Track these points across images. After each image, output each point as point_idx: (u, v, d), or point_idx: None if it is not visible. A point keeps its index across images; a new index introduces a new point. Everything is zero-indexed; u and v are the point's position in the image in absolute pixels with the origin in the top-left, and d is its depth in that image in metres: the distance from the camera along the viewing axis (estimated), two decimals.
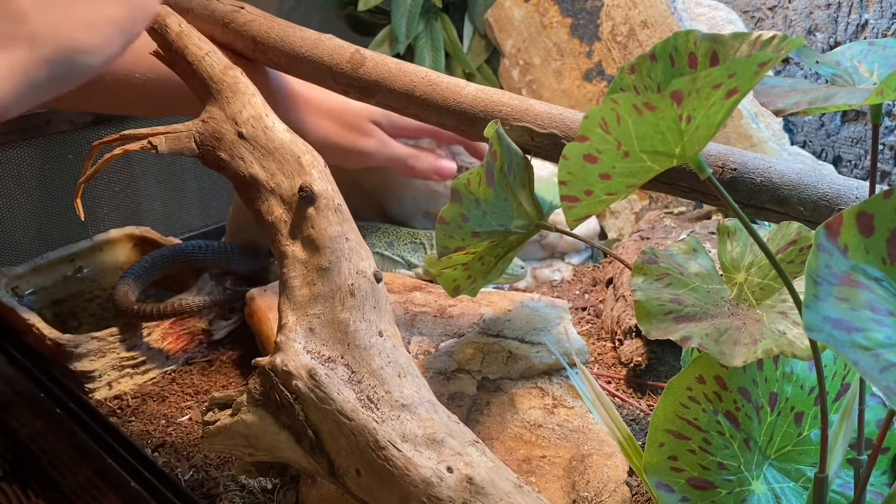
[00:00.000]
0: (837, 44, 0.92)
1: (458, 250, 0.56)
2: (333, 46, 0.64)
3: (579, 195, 0.39)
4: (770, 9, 0.98)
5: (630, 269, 0.47)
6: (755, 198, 0.51)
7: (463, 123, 0.61)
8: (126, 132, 0.55)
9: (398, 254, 0.82)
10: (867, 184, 0.47)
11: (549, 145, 0.57)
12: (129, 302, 0.71)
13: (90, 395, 0.68)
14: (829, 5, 0.92)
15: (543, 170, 0.85)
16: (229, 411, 0.48)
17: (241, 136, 0.52)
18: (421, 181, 0.86)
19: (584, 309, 0.80)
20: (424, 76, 0.62)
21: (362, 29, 1.14)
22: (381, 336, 0.47)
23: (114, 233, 0.84)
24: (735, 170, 0.52)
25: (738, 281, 0.46)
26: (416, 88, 0.61)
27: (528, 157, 0.59)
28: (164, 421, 0.66)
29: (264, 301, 0.72)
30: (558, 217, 0.68)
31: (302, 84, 0.73)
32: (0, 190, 0.93)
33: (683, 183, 0.54)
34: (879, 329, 0.28)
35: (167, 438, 0.63)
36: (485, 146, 0.67)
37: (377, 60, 0.63)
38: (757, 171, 0.52)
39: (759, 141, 0.86)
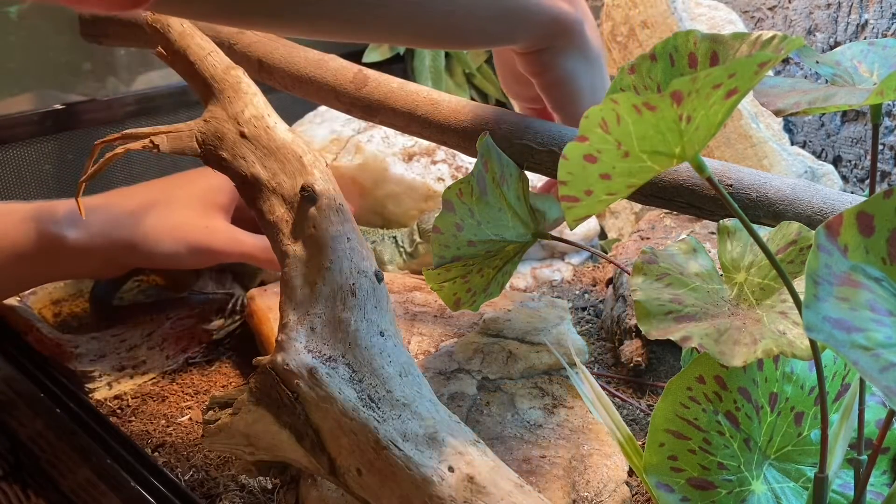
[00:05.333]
0: (837, 44, 0.92)
1: (454, 260, 0.56)
2: (337, 67, 0.65)
3: (579, 195, 0.39)
4: (770, 9, 0.98)
5: (627, 272, 0.48)
6: (751, 213, 0.52)
7: (465, 141, 0.61)
8: (128, 131, 0.55)
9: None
10: (861, 198, 0.47)
11: (549, 162, 0.58)
12: (106, 301, 0.72)
13: (90, 395, 0.68)
14: (829, 5, 0.92)
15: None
16: (230, 410, 0.48)
17: (242, 135, 0.53)
18: (420, 182, 0.86)
19: (584, 309, 0.80)
20: (426, 96, 0.62)
21: None
22: (383, 336, 0.47)
23: None
24: (731, 185, 0.52)
25: (738, 281, 0.46)
26: (418, 108, 0.62)
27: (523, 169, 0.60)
28: (164, 421, 0.66)
29: (264, 301, 0.72)
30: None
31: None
32: (0, 189, 0.93)
33: (681, 198, 0.54)
34: (879, 329, 0.28)
35: (167, 438, 0.63)
36: None
37: (380, 80, 0.64)
38: (752, 186, 0.52)
39: (759, 141, 0.86)
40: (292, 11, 0.42)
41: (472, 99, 1.04)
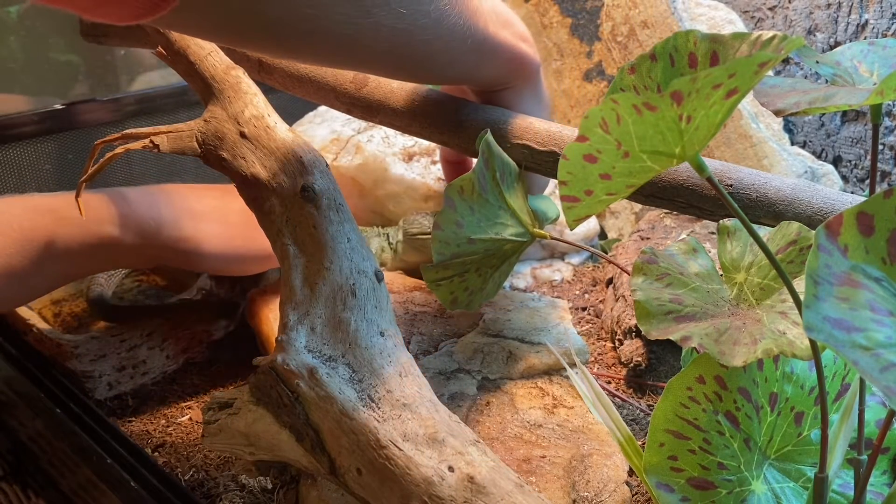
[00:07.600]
0: (837, 44, 0.92)
1: (454, 257, 0.56)
2: None
3: (579, 195, 0.39)
4: (770, 9, 0.98)
5: (627, 272, 0.48)
6: (751, 213, 0.52)
7: (465, 142, 0.61)
8: (128, 131, 0.55)
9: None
10: (861, 198, 0.47)
11: (549, 162, 0.58)
12: (106, 301, 0.72)
13: (90, 395, 0.68)
14: (829, 5, 0.92)
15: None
16: (230, 410, 0.48)
17: (243, 135, 0.53)
18: (420, 181, 0.86)
19: (584, 309, 0.80)
20: (426, 96, 0.62)
21: None
22: (383, 336, 0.47)
23: None
24: (731, 185, 0.52)
25: (738, 281, 0.46)
26: (418, 108, 0.62)
27: (521, 168, 0.60)
28: (164, 421, 0.66)
29: (264, 301, 0.72)
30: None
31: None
32: (0, 189, 0.93)
33: (681, 198, 0.54)
34: (879, 329, 0.28)
35: (167, 438, 0.63)
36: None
37: (380, 81, 0.64)
38: (752, 186, 0.52)
39: (759, 141, 0.86)
40: (289, 28, 0.42)
41: None
